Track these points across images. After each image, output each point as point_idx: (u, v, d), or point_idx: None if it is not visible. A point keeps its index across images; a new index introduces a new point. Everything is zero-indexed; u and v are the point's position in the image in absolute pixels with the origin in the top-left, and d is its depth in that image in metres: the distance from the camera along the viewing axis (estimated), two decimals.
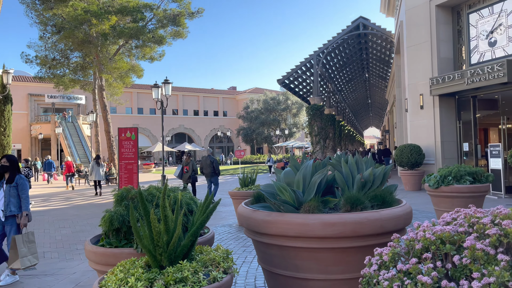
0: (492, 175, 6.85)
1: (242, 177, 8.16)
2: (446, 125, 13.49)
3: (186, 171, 12.67)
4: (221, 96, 61.95)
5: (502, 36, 11.98)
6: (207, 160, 12.28)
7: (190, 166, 12.71)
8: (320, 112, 22.74)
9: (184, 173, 12.72)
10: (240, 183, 8.14)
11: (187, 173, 12.63)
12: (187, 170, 12.67)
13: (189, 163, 12.79)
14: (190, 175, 12.62)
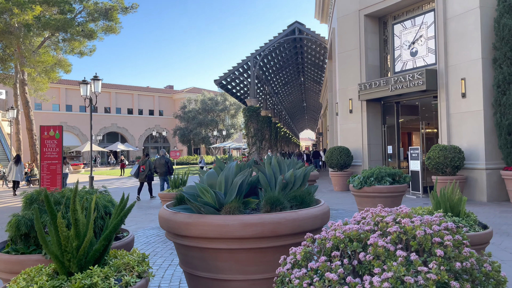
0: (409, 176, 7.37)
1: (172, 179, 8.01)
2: (373, 128, 14.29)
3: (143, 170, 13.03)
4: (157, 94, 60.42)
5: (423, 47, 12.94)
6: (162, 160, 12.72)
7: (146, 165, 13.04)
8: (257, 114, 23.03)
9: (141, 172, 13.08)
10: (171, 184, 7.98)
11: (144, 172, 12.99)
12: (143, 169, 13.04)
13: (146, 162, 13.14)
14: (146, 174, 12.98)
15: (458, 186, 3.85)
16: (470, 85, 10.79)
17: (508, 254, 5.33)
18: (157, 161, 13.01)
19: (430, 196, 3.81)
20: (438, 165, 10.55)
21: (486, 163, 10.40)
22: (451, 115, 11.39)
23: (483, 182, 10.40)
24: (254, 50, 23.24)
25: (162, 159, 12.72)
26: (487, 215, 8.32)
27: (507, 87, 10.03)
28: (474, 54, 10.69)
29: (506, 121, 9.92)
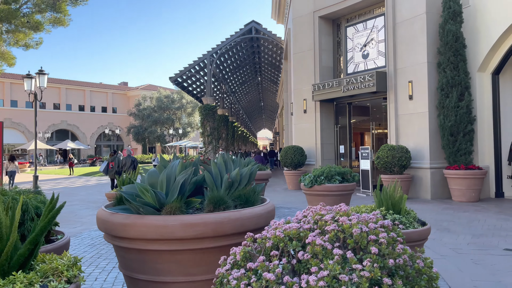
0: (358, 175, 7.57)
1: (120, 178, 7.72)
2: (326, 128, 14.58)
3: (112, 167, 13.35)
4: (111, 91, 58.46)
5: (374, 50, 13.36)
6: (128, 159, 12.93)
7: (115, 162, 13.34)
8: (213, 113, 22.86)
9: (110, 168, 13.40)
10: (118, 183, 7.69)
11: (113, 168, 13.31)
12: (112, 166, 13.37)
13: (115, 159, 13.46)
14: (116, 170, 13.25)
15: (400, 185, 3.96)
16: (417, 87, 11.26)
17: (447, 249, 5.58)
18: (123, 159, 13.19)
19: (373, 195, 3.90)
20: (387, 164, 10.93)
21: (430, 162, 10.90)
22: (399, 116, 11.83)
23: (428, 181, 10.89)
24: (211, 48, 23.03)
25: (128, 158, 12.88)
26: (430, 212, 8.71)
27: (450, 90, 10.56)
28: (420, 58, 11.17)
29: (448, 122, 10.45)
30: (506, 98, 11.28)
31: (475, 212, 8.65)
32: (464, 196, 10.14)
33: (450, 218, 8.01)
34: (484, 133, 11.09)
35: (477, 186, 10.12)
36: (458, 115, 10.40)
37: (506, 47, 10.49)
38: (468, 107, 10.51)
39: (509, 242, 5.97)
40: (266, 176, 7.72)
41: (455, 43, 10.54)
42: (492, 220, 7.71)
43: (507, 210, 8.88)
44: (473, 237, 6.34)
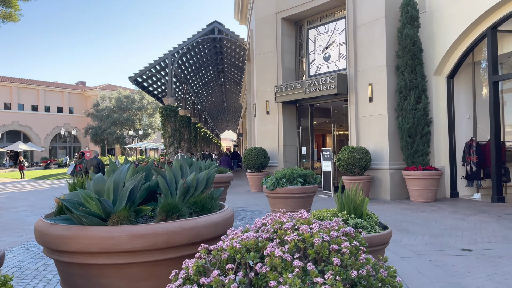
0: (319, 177, 7.54)
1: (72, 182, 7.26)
2: (288, 130, 14.57)
3: (80, 169, 13.48)
4: (67, 91, 56.12)
5: (335, 52, 13.48)
6: (93, 161, 12.96)
7: (83, 164, 13.46)
8: (174, 113, 22.37)
9: (78, 171, 13.54)
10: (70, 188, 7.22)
11: (80, 171, 13.41)
12: (80, 168, 13.49)
13: (83, 161, 13.61)
14: (83, 173, 13.29)
15: (361, 187, 3.89)
16: (377, 90, 11.45)
17: (407, 251, 5.62)
18: (89, 161, 13.17)
19: (335, 198, 3.81)
20: (348, 165, 11.02)
21: (390, 163, 11.11)
22: (359, 118, 11.99)
23: (387, 182, 11.09)
24: (172, 48, 22.55)
25: (94, 160, 12.86)
26: (390, 213, 8.83)
27: (408, 93, 10.80)
28: (380, 61, 11.36)
29: (406, 124, 10.68)
30: (460, 101, 11.69)
31: (432, 212, 8.86)
32: (422, 196, 10.39)
33: (409, 218, 8.14)
34: (440, 135, 11.44)
35: (434, 186, 10.40)
36: (416, 117, 10.65)
37: (460, 52, 10.87)
38: (425, 109, 10.80)
39: (465, 241, 6.10)
40: (227, 179, 7.53)
41: (413, 47, 10.80)
42: (448, 220, 7.90)
43: (462, 209, 9.16)
44: (431, 237, 6.44)
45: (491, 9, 9.60)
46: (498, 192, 9.98)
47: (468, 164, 11.13)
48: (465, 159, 11.23)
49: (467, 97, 11.80)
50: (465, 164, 11.26)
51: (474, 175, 11.05)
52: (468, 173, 11.18)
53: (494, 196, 10.02)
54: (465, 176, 11.32)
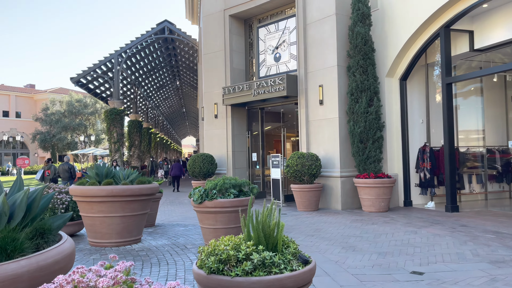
0: (257, 187, 6.56)
1: None
2: (238, 135, 13.59)
3: (48, 174, 14.16)
4: (14, 94, 52.68)
5: (285, 53, 12.67)
6: (65, 166, 13.44)
7: (51, 170, 14.18)
8: (121, 117, 20.86)
9: (46, 176, 14.16)
10: None
11: (48, 176, 14.11)
12: (48, 173, 14.18)
13: (51, 167, 14.30)
14: (51, 178, 14.08)
15: (276, 208, 2.93)
16: (327, 92, 10.70)
17: (350, 276, 4.72)
18: (60, 167, 13.63)
19: (242, 223, 2.82)
20: (296, 173, 10.17)
21: (341, 170, 10.35)
22: (310, 122, 11.20)
23: (338, 190, 10.31)
24: (119, 47, 21.09)
25: (66, 165, 13.36)
26: (338, 226, 8.00)
27: (360, 95, 10.11)
28: (330, 61, 10.63)
29: (358, 129, 9.97)
30: (413, 104, 11.16)
31: (384, 224, 8.11)
32: (374, 206, 9.67)
33: (357, 232, 7.33)
34: (393, 140, 10.84)
35: (386, 195, 9.71)
36: (368, 121, 9.96)
37: (413, 53, 10.33)
38: (377, 113, 10.14)
39: (416, 261, 5.30)
40: (150, 191, 6.42)
41: (364, 46, 10.13)
42: (399, 233, 7.14)
43: (415, 220, 8.49)
44: (379, 256, 5.60)
45: (445, 6, 9.08)
46: (452, 201, 9.42)
47: (422, 171, 10.57)
48: (419, 165, 10.67)
49: (420, 100, 11.29)
50: (419, 171, 10.69)
51: (427, 183, 10.49)
52: (421, 181, 10.61)
53: (448, 205, 9.45)
54: (419, 184, 10.75)
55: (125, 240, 6.31)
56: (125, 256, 5.63)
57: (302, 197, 10.18)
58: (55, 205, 6.77)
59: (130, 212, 6.28)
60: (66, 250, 2.05)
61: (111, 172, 6.55)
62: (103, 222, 6.16)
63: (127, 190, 6.15)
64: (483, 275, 4.64)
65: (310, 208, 10.18)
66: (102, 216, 6.13)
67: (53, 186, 7.05)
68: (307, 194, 10.13)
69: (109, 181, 6.21)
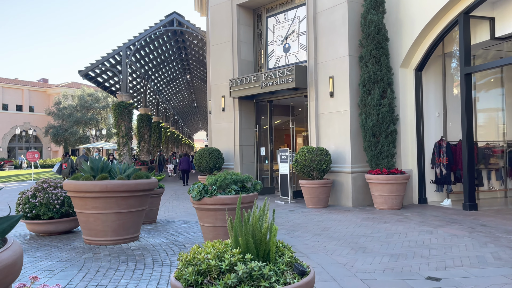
0: (260, 183, 6.16)
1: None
2: (245, 128, 13.19)
3: (65, 167, 14.86)
4: (28, 88, 53.09)
5: (295, 43, 12.19)
6: (82, 159, 13.90)
7: (68, 163, 14.82)
8: (129, 111, 20.61)
9: (63, 169, 14.87)
10: None
11: (66, 169, 14.78)
12: (65, 166, 14.87)
13: (68, 160, 15.01)
14: (69, 171, 14.75)
15: (268, 209, 2.52)
16: (338, 83, 10.21)
17: (359, 282, 4.30)
18: (77, 160, 14.37)
19: (228, 226, 2.42)
20: (305, 168, 9.73)
21: (352, 166, 9.88)
22: (320, 115, 10.73)
23: (349, 186, 9.85)
24: (128, 40, 20.81)
25: (82, 158, 13.93)
26: (348, 224, 7.56)
27: (372, 86, 9.60)
28: (341, 51, 10.13)
29: (370, 122, 9.47)
30: (429, 96, 10.60)
31: (397, 223, 7.64)
32: (386, 203, 9.19)
33: (368, 231, 6.88)
34: (407, 134, 10.31)
35: (400, 192, 9.21)
36: (381, 114, 9.45)
37: (429, 42, 9.76)
38: (391, 105, 9.62)
39: (432, 265, 4.85)
40: (147, 186, 6.06)
41: (377, 34, 9.60)
42: (414, 233, 6.67)
43: (430, 219, 7.99)
44: (391, 258, 5.17)
45: None
46: (470, 199, 8.88)
47: (438, 166, 10.03)
48: (434, 161, 10.13)
49: (436, 92, 10.71)
50: (434, 167, 10.15)
51: (444, 179, 9.95)
52: (437, 177, 10.07)
53: (466, 203, 8.91)
54: (434, 180, 10.21)
55: (121, 238, 5.99)
56: (119, 256, 5.30)
57: (311, 193, 9.75)
58: (50, 200, 6.48)
59: (126, 209, 5.95)
60: (4, 260, 1.67)
61: (107, 166, 6.22)
62: (98, 219, 5.83)
63: (122, 185, 5.81)
64: (507, 282, 4.18)
65: (319, 205, 9.75)
66: (97, 212, 5.81)
67: (48, 181, 6.76)
68: (316, 190, 9.69)
69: (104, 176, 5.88)
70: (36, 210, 6.42)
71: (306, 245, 5.96)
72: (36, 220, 6.48)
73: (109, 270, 4.66)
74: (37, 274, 4.58)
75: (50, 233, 6.68)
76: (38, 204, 6.44)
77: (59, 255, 5.35)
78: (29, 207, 6.45)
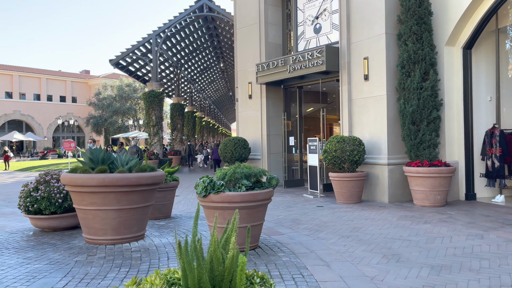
0: (276, 178, 5.37)
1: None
2: (273, 116, 12.38)
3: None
4: (70, 79, 54.73)
5: (326, 23, 11.18)
6: (133, 148, 14.29)
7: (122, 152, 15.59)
8: (159, 100, 20.29)
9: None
10: None
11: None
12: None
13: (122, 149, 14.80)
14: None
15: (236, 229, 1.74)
16: (373, 65, 9.15)
17: None
18: (129, 149, 14.54)
19: (177, 253, 1.67)
20: (335, 159, 8.82)
21: (388, 157, 8.85)
22: (353, 101, 9.72)
23: (385, 180, 8.84)
24: (157, 27, 20.42)
25: (134, 148, 14.16)
26: (382, 224, 6.63)
27: (412, 67, 8.48)
28: (377, 29, 9.04)
29: (409, 107, 8.37)
30: (480, 78, 9.30)
31: (439, 223, 6.61)
32: (428, 199, 8.12)
33: (405, 233, 5.93)
34: (453, 121, 9.11)
35: (444, 187, 8.11)
36: (422, 99, 8.33)
37: (480, 15, 8.47)
38: (434, 88, 8.46)
39: (484, 283, 3.89)
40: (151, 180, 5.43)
41: (419, 8, 8.43)
42: (460, 237, 5.66)
43: (480, 219, 6.89)
44: (432, 271, 4.25)
45: None
46: None
47: (489, 158, 8.78)
48: (485, 152, 8.89)
49: (489, 73, 9.38)
50: (485, 158, 8.91)
51: (496, 172, 8.70)
52: (488, 170, 8.83)
53: None
54: (485, 174, 8.97)
55: (123, 237, 5.41)
56: (114, 259, 4.72)
57: (341, 187, 8.83)
58: (52, 194, 6.02)
59: (128, 205, 5.36)
60: None
61: (109, 158, 5.65)
62: (96, 215, 5.28)
63: (122, 179, 5.21)
64: None
65: (351, 200, 8.82)
66: (95, 209, 5.26)
67: (51, 173, 6.31)
68: (348, 184, 8.76)
69: (103, 169, 5.30)
70: (37, 204, 5.99)
71: (329, 250, 5.14)
72: (38, 215, 6.06)
73: (95, 278, 4.07)
74: (17, 280, 4.07)
75: (54, 228, 6.24)
76: (39, 198, 6.00)
77: (51, 257, 4.85)
78: (30, 201, 6.03)
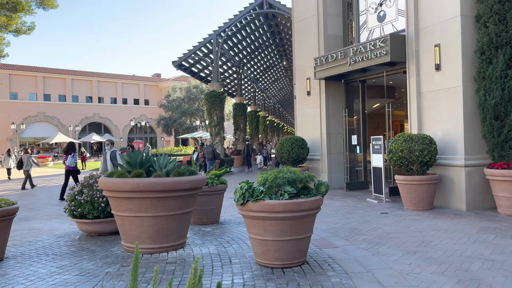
0: (326, 184, 4.67)
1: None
2: (333, 114, 11.56)
3: (201, 156, 16.32)
4: (143, 83, 57.64)
5: (391, 9, 10.13)
6: (209, 148, 15.38)
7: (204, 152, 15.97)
8: (220, 100, 20.25)
9: (199, 157, 16.60)
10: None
11: (202, 157, 16.25)
12: (201, 155, 16.33)
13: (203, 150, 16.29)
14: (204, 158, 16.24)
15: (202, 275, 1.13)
16: (446, 53, 8.00)
17: None
18: (205, 149, 15.67)
19: None
20: (401, 160, 7.84)
21: (465, 157, 7.67)
22: (422, 94, 8.62)
23: (462, 184, 7.67)
24: (218, 27, 20.37)
25: (209, 148, 15.14)
26: (457, 237, 5.62)
27: (495, 53, 7.24)
28: (451, 11, 7.88)
29: (492, 100, 7.15)
30: None
31: None
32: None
33: (487, 251, 4.91)
34: None
35: None
36: (507, 89, 7.08)
37: None
38: None
39: None
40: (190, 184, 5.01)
41: None
42: None
43: None
44: None
45: None
46: None
47: None
48: None
49: None
50: None
51: None
52: None
53: None
54: None
55: (160, 246, 5.07)
56: (145, 273, 4.37)
57: (409, 191, 7.83)
58: (94, 198, 5.88)
59: (164, 212, 5.00)
60: None
61: (148, 161, 5.33)
62: (132, 222, 4.99)
63: (157, 184, 4.85)
64: None
65: (421, 206, 7.78)
66: (131, 215, 4.97)
67: (96, 176, 6.19)
68: (417, 188, 7.74)
69: (138, 172, 5.00)
70: (81, 208, 5.88)
71: (389, 270, 4.34)
72: (82, 220, 5.95)
73: None
74: None
75: (98, 233, 6.11)
76: (83, 202, 5.89)
77: (84, 266, 4.62)
78: (74, 204, 5.94)
